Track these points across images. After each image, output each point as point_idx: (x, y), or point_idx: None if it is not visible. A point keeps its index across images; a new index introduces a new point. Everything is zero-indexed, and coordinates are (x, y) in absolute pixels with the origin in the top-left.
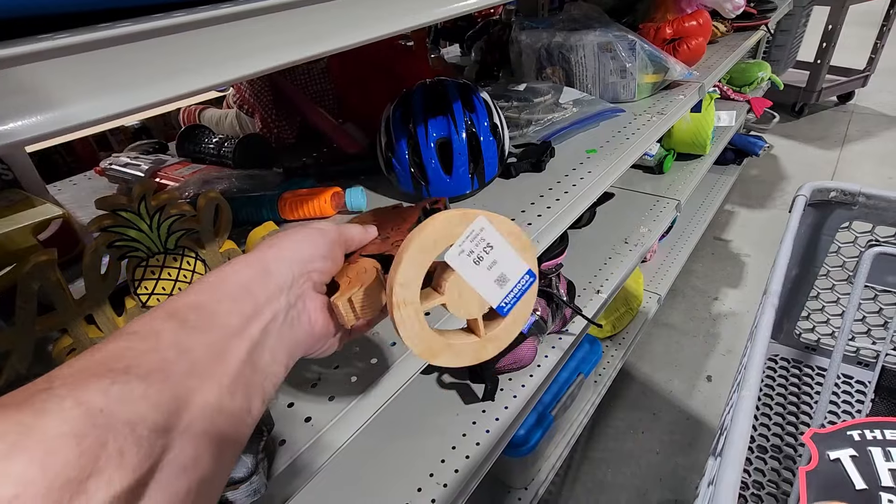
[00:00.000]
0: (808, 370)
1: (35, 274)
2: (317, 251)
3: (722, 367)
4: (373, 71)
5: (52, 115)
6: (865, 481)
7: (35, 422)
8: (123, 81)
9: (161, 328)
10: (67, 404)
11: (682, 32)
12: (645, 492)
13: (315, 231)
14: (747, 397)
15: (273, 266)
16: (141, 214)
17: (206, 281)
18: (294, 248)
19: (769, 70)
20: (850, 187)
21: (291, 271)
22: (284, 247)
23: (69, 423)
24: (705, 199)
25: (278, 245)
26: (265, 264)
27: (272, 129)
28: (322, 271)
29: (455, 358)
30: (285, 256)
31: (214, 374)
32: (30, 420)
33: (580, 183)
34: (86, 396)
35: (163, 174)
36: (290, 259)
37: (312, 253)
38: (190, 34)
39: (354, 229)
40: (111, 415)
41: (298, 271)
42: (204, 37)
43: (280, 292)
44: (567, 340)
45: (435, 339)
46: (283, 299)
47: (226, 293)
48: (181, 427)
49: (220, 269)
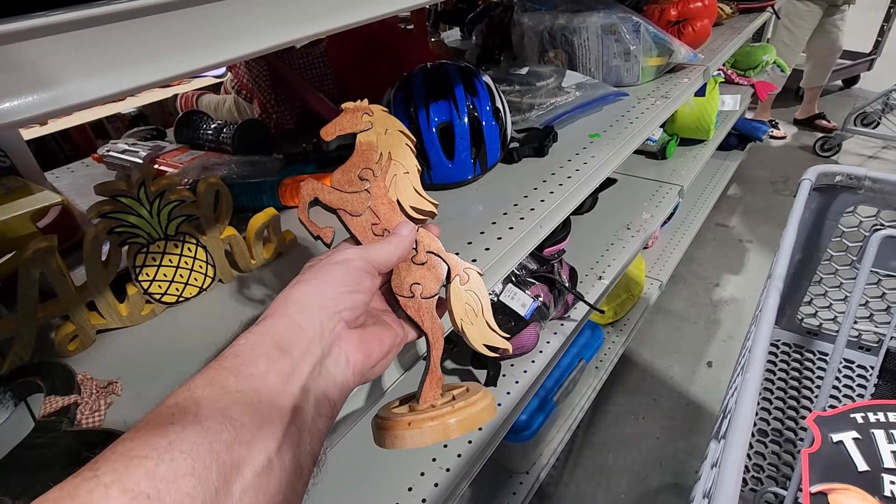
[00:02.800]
0: (809, 355)
1: (36, 261)
2: (342, 288)
3: (722, 353)
4: (372, 55)
5: (49, 94)
6: (868, 463)
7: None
8: (122, 59)
9: (202, 397)
10: (113, 493)
11: (688, 14)
12: (645, 476)
13: (337, 266)
14: (752, 379)
15: (299, 318)
16: (140, 200)
17: (238, 345)
18: (315, 293)
19: (774, 53)
20: (857, 171)
21: (319, 319)
22: (306, 295)
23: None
24: (708, 184)
25: (299, 295)
26: (291, 319)
27: (271, 114)
28: (352, 307)
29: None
30: (309, 305)
31: (261, 440)
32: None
33: (583, 168)
34: (131, 483)
35: (161, 160)
36: (314, 307)
37: (336, 293)
38: (190, 11)
39: (386, 249)
40: (158, 499)
41: (326, 316)
42: (205, 14)
43: (312, 343)
44: (569, 326)
45: None
46: (318, 350)
47: (260, 354)
48: (232, 501)
49: (250, 331)
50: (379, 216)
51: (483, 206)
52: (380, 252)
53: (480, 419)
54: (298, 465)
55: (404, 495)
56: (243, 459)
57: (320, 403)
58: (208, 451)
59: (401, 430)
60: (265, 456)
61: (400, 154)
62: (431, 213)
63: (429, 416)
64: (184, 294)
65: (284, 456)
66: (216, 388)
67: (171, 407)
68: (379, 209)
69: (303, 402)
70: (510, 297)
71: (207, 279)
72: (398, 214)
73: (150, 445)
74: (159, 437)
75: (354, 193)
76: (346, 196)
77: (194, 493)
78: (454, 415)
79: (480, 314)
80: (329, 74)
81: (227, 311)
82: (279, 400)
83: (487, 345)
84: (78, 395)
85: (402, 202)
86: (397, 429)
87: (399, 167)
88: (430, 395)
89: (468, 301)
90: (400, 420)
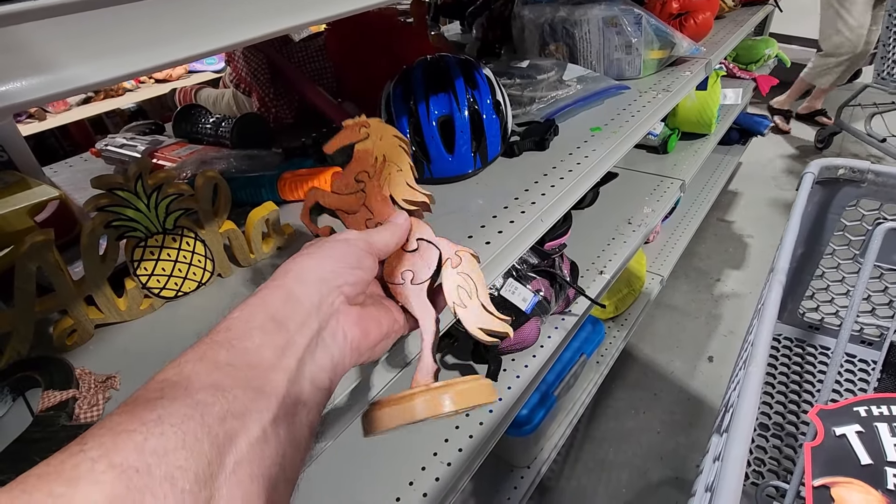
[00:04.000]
0: (810, 349)
1: (33, 255)
2: (342, 263)
3: (723, 348)
4: (371, 48)
5: (48, 78)
6: (871, 456)
7: (68, 490)
8: (122, 44)
9: (192, 371)
10: (100, 467)
11: (690, 6)
12: (646, 470)
13: (339, 243)
14: (754, 373)
15: (298, 290)
16: (138, 193)
17: (232, 318)
18: (316, 266)
19: (776, 47)
20: (859, 165)
21: (319, 292)
22: (306, 268)
23: (104, 490)
24: (709, 179)
25: (299, 268)
26: (289, 291)
27: (270, 108)
28: (353, 283)
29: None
30: (308, 278)
31: (255, 412)
32: (62, 489)
33: (584, 162)
34: (119, 457)
35: (160, 155)
36: (314, 280)
37: (337, 267)
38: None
39: (383, 234)
40: (148, 473)
41: (326, 290)
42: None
43: (309, 317)
44: (570, 321)
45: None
46: (315, 323)
47: (255, 327)
48: (226, 473)
49: (245, 303)
50: (373, 211)
51: (483, 200)
52: (377, 237)
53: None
54: (294, 437)
55: (405, 490)
56: (237, 431)
57: (316, 377)
58: (199, 424)
59: (387, 407)
60: (259, 427)
61: (394, 155)
62: (424, 204)
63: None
64: (182, 288)
65: (280, 428)
66: (207, 362)
67: (160, 382)
68: (373, 205)
69: (298, 375)
70: (511, 291)
71: (206, 273)
72: (391, 208)
73: (139, 419)
74: (148, 412)
75: (351, 195)
76: (344, 198)
77: (186, 465)
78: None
79: (475, 296)
80: (328, 68)
81: (226, 306)
82: (273, 373)
83: (486, 329)
84: (76, 389)
85: (395, 196)
86: (383, 407)
87: (392, 166)
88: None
89: (460, 284)
90: (386, 399)
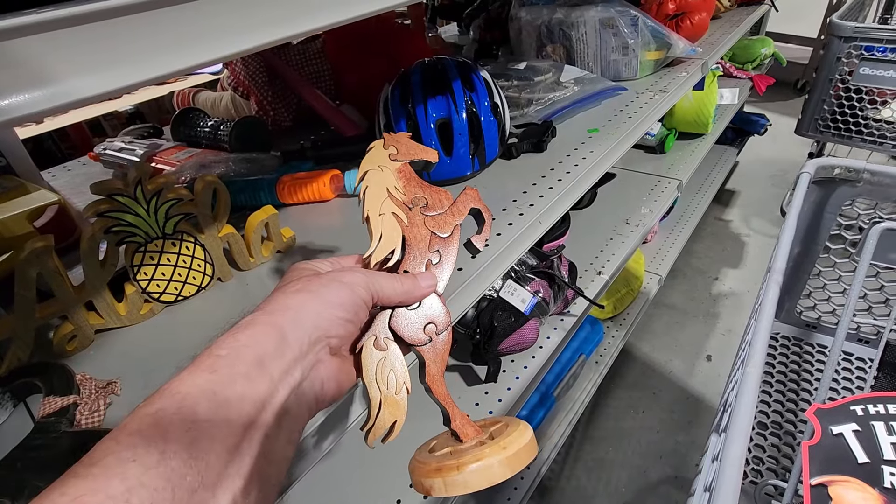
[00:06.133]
0: (808, 348)
1: (32, 261)
2: (340, 313)
3: (722, 347)
4: (369, 51)
5: (45, 91)
6: (868, 455)
7: None
8: (119, 56)
9: (169, 424)
10: None
11: (686, 7)
12: (645, 469)
13: (343, 287)
14: (752, 373)
15: (291, 335)
16: (137, 199)
17: (219, 356)
18: (315, 311)
19: (772, 46)
20: (855, 164)
21: (309, 338)
22: (305, 310)
23: None
24: (706, 178)
25: (297, 307)
26: (281, 330)
27: (268, 111)
28: (341, 336)
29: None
30: (304, 323)
31: (227, 479)
32: None
33: (582, 163)
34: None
35: (158, 158)
36: (309, 326)
37: (334, 316)
38: (186, 7)
39: (387, 284)
40: None
41: (316, 338)
42: (204, 9)
43: (295, 366)
44: (569, 322)
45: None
46: (298, 373)
47: (239, 374)
48: None
49: (234, 336)
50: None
51: None
52: (387, 289)
53: (526, 457)
54: (266, 498)
55: (407, 492)
56: (206, 502)
57: (291, 430)
58: (170, 499)
59: (446, 474)
60: (230, 497)
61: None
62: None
63: (474, 457)
64: (182, 293)
65: (251, 494)
66: (185, 414)
67: (133, 436)
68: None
69: (275, 431)
70: (510, 292)
71: (206, 278)
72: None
73: (105, 492)
74: (117, 481)
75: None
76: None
77: None
78: (497, 453)
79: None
80: (326, 71)
81: (226, 310)
82: (252, 431)
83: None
84: (77, 395)
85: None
86: (442, 473)
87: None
88: (469, 433)
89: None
90: (445, 464)
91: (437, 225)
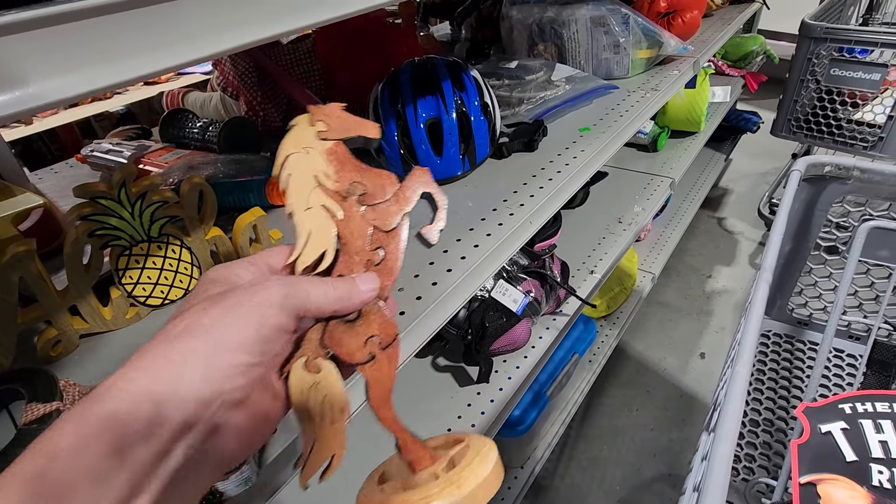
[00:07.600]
0: (800, 345)
1: (14, 265)
2: (239, 360)
3: (715, 344)
4: (360, 50)
5: (14, 95)
6: (856, 453)
7: None
8: (90, 58)
9: None
10: None
11: (677, 5)
12: (639, 467)
13: (248, 318)
14: (741, 373)
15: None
16: (122, 202)
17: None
18: (204, 363)
19: (764, 43)
20: (846, 161)
21: (196, 401)
22: (190, 364)
23: None
24: (699, 176)
25: (179, 359)
26: (155, 400)
27: (258, 112)
28: (244, 387)
29: None
30: (190, 379)
31: None
32: None
33: (573, 162)
34: None
35: (146, 160)
36: (197, 380)
37: (229, 368)
38: (166, 6)
39: (316, 292)
40: None
41: (210, 395)
42: (182, 9)
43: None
44: (561, 321)
45: None
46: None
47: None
48: None
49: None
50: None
51: (472, 203)
52: (317, 295)
53: (486, 494)
54: None
55: None
56: None
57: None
58: None
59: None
60: None
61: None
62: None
63: (422, 498)
64: (169, 296)
65: None
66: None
67: None
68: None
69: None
70: (501, 293)
71: (193, 281)
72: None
73: None
74: None
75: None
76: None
77: None
78: (450, 495)
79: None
80: (316, 70)
81: None
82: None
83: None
84: (60, 401)
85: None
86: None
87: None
88: (423, 462)
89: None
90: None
91: (378, 217)
